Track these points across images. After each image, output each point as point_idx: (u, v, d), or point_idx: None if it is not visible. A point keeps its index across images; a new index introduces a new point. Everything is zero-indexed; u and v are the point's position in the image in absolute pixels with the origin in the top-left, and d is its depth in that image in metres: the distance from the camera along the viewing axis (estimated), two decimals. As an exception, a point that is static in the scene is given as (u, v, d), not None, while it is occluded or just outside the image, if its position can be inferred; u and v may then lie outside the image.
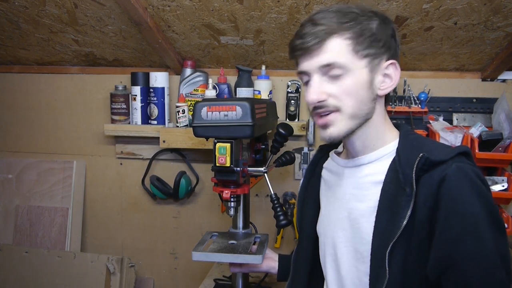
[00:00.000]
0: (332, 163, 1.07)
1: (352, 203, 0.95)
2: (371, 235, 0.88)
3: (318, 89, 0.88)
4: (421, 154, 0.83)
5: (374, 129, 0.94)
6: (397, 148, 0.91)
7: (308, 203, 1.13)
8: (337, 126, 0.89)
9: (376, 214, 0.88)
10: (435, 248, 0.80)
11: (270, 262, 1.33)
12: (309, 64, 0.88)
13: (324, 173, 1.10)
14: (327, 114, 0.89)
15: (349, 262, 0.96)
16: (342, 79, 0.86)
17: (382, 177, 0.90)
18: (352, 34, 0.86)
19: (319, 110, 0.89)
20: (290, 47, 0.92)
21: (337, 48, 0.85)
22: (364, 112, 0.90)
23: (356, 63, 0.86)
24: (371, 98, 0.89)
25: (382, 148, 0.93)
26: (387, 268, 0.83)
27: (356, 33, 0.86)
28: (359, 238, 0.92)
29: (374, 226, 0.88)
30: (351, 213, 0.95)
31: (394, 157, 0.90)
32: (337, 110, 0.88)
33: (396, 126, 0.99)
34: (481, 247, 0.77)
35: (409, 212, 0.82)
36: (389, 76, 0.91)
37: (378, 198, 0.89)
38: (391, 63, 0.90)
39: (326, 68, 0.87)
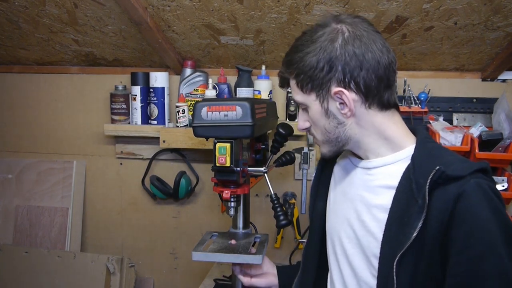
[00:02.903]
0: (345, 159, 1.05)
1: (362, 205, 0.94)
2: (380, 241, 0.87)
3: (301, 118, 1.00)
4: (437, 167, 0.81)
5: (369, 141, 0.93)
6: (413, 156, 0.88)
7: (320, 196, 1.12)
8: (321, 148, 1.00)
9: (386, 222, 0.87)
10: (455, 266, 0.78)
11: (271, 278, 1.29)
12: None
13: (336, 168, 1.09)
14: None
15: (355, 263, 0.95)
16: (308, 111, 0.95)
17: (394, 181, 0.88)
18: (294, 75, 0.93)
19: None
20: None
21: (293, 88, 0.96)
22: (334, 137, 0.94)
23: (307, 98, 0.93)
24: (335, 125, 0.92)
25: (396, 153, 0.92)
26: (394, 278, 0.82)
27: (297, 73, 0.93)
28: (366, 241, 0.91)
29: (384, 234, 0.87)
30: (360, 215, 0.93)
31: (409, 165, 0.88)
32: (313, 136, 0.99)
33: (413, 130, 0.97)
34: (501, 266, 0.76)
35: (420, 224, 0.81)
36: (343, 101, 0.90)
37: (389, 203, 0.87)
38: (335, 92, 0.88)
39: None
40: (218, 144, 1.19)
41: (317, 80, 0.89)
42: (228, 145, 1.19)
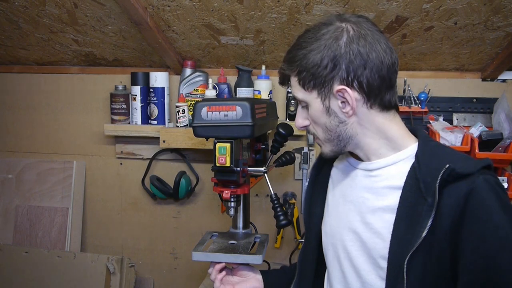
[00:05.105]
0: (344, 162, 1.04)
1: (365, 207, 0.93)
2: (388, 241, 0.87)
3: (300, 116, 0.98)
4: (447, 165, 0.81)
5: (371, 141, 0.92)
6: (417, 154, 0.89)
7: (317, 201, 1.11)
8: (322, 148, 0.98)
9: (395, 222, 0.86)
10: (472, 263, 0.79)
11: (254, 283, 1.23)
12: None
13: (333, 171, 1.08)
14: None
15: (360, 266, 0.94)
16: (309, 109, 0.95)
17: (399, 182, 0.88)
18: (296, 72, 0.93)
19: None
20: None
21: (294, 85, 0.95)
22: (335, 135, 0.93)
23: (308, 95, 0.93)
24: (336, 124, 0.92)
25: (398, 153, 0.92)
26: (405, 277, 0.82)
27: (299, 71, 0.92)
28: (373, 243, 0.91)
29: (392, 234, 0.86)
30: (365, 217, 0.93)
31: (414, 164, 0.88)
32: (314, 135, 0.98)
33: (413, 131, 0.97)
34: None
35: (430, 222, 0.81)
36: (345, 100, 0.89)
37: (395, 203, 0.87)
38: (338, 90, 0.88)
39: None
40: (218, 144, 1.19)
41: (320, 78, 0.88)
42: (228, 145, 1.19)
